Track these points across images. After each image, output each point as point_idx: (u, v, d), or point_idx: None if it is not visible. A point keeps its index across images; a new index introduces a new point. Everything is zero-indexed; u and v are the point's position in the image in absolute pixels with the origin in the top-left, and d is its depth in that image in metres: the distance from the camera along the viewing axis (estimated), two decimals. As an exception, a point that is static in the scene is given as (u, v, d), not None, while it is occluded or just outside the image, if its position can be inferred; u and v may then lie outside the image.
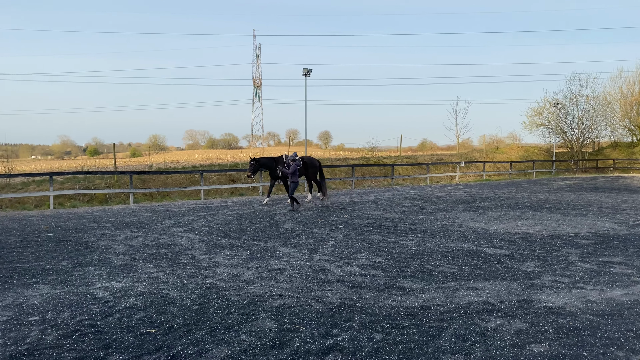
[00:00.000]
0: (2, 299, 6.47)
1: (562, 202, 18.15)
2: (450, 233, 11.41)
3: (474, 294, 6.54)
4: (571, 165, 40.93)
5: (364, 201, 19.12)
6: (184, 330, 5.30)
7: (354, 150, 54.25)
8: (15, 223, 13.77)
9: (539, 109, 46.37)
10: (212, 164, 30.53)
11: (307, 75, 25.96)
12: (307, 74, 25.89)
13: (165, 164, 31.57)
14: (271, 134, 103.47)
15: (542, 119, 46.30)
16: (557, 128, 44.49)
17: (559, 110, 43.76)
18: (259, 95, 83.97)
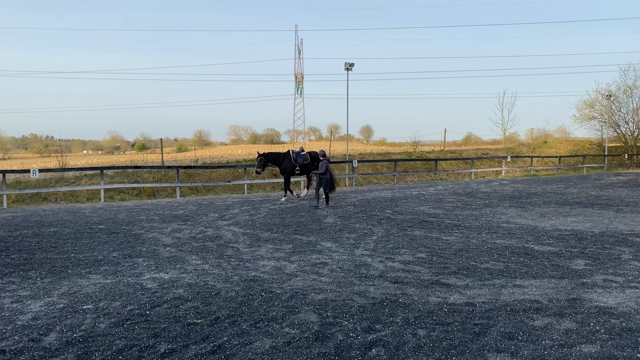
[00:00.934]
0: (58, 288, 6.79)
1: (614, 199, 17.43)
2: (495, 229, 11.17)
3: (520, 292, 6.39)
4: (625, 160, 39.21)
5: (406, 196, 18.94)
6: (229, 321, 5.42)
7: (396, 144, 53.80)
8: (69, 215, 14.38)
9: (591, 101, 44.66)
10: (255, 158, 30.93)
11: (349, 70, 25.88)
12: (349, 68, 25.80)
13: (209, 158, 32.24)
14: (312, 129, 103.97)
15: (593, 112, 44.59)
16: (610, 121, 42.69)
17: (612, 102, 41.95)
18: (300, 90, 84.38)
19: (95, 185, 19.72)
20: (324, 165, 15.52)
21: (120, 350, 4.66)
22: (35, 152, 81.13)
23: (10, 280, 7.21)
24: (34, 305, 6.01)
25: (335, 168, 27.13)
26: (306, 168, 18.08)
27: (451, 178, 29.67)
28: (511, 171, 33.22)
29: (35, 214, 14.87)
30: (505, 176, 31.60)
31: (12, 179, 21.38)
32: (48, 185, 20.13)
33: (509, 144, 47.82)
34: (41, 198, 19.34)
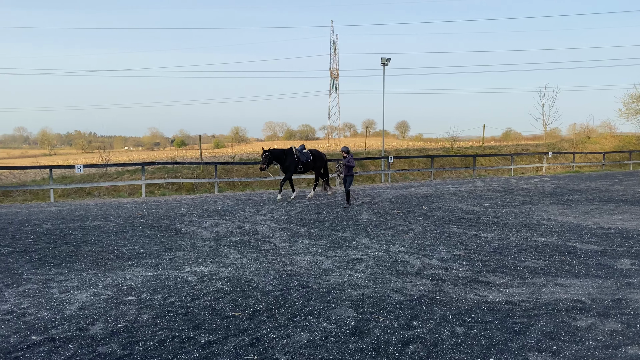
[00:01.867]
0: (103, 279, 7.03)
1: (663, 196, 16.74)
2: (536, 227, 10.91)
3: (562, 291, 6.23)
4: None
5: (443, 193, 18.71)
6: (267, 314, 5.50)
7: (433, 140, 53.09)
8: (112, 209, 14.84)
9: (638, 95, 42.90)
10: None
11: (385, 65, 25.69)
12: (385, 63, 25.60)
13: (246, 154, 32.62)
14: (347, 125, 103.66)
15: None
16: (659, 116, 40.90)
17: (661, 96, 40.16)
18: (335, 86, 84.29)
19: (137, 180, 20.27)
20: (353, 161, 15.00)
21: (163, 340, 4.80)
22: (79, 148, 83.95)
23: (58, 271, 7.51)
24: (80, 296, 6.25)
25: (370, 164, 27.02)
26: (308, 166, 17.25)
27: (490, 174, 29.11)
28: (552, 167, 32.32)
29: (80, 208, 15.41)
30: (546, 172, 30.78)
31: (59, 174, 22.21)
32: (92, 180, 20.81)
33: (550, 139, 46.49)
34: (85, 193, 20.01)
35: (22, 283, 6.87)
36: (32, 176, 23.01)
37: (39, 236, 10.36)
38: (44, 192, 19.13)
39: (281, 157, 16.84)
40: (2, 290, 6.52)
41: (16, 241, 9.82)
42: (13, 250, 8.95)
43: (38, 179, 22.12)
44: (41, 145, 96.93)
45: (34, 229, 11.32)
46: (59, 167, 20.39)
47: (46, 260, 8.22)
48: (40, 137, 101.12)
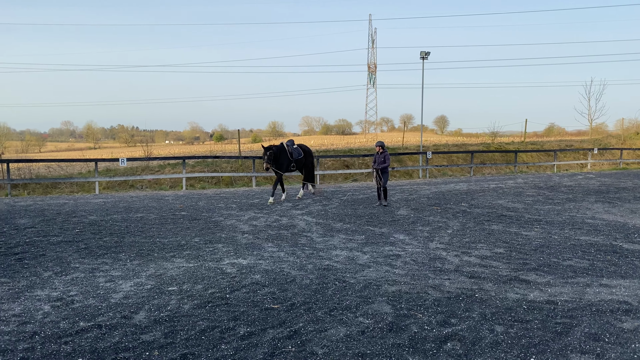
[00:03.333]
0: (145, 270, 7.25)
1: None
2: (580, 225, 10.59)
3: (607, 292, 6.05)
4: None
5: (483, 189, 18.37)
6: (305, 308, 5.56)
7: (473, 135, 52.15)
8: (154, 202, 15.24)
9: (692, 88, 40.87)
10: (327, 149, 31.16)
11: (424, 59, 25.36)
12: (425, 57, 25.27)
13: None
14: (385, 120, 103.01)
15: (695, 100, 40.78)
16: None
17: None
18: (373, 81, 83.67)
19: (178, 173, 20.74)
20: (389, 157, 14.02)
21: (203, 330, 4.93)
22: (122, 141, 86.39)
23: (104, 261, 7.78)
24: (124, 285, 6.47)
25: (408, 159, 26.77)
26: (299, 163, 15.69)
27: (532, 171, 28.38)
28: (598, 164, 31.24)
29: (124, 200, 15.89)
30: (591, 169, 29.78)
31: (103, 167, 22.96)
32: (135, 174, 21.41)
33: (596, 135, 44.94)
34: (128, 185, 20.61)
35: (71, 271, 7.16)
36: (78, 169, 23.89)
37: (85, 227, 10.76)
38: (90, 184, 19.82)
39: (277, 153, 15.07)
40: (52, 278, 6.82)
41: (64, 231, 10.23)
42: (61, 240, 9.33)
43: (84, 171, 22.93)
44: (86, 138, 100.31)
45: (81, 219, 11.75)
46: (103, 160, 21.08)
47: (92, 250, 8.54)
48: (86, 131, 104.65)
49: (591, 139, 38.96)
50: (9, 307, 5.67)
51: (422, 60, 25.44)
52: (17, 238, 9.54)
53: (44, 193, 18.96)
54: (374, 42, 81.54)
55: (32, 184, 19.45)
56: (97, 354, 4.41)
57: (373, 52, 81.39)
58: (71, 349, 4.52)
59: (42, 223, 11.26)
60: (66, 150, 70.75)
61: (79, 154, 42.23)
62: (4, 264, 7.63)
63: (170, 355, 4.37)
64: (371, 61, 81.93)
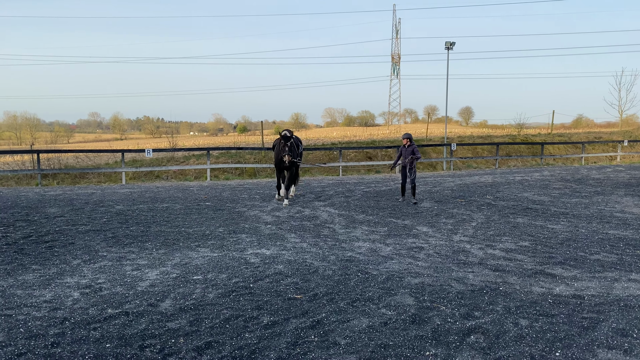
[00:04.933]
0: (171, 259, 7.37)
1: None
2: (608, 219, 10.38)
3: (636, 287, 5.92)
4: None
5: (508, 182, 18.11)
6: (327, 298, 5.59)
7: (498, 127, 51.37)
8: (179, 192, 15.46)
9: None
10: (350, 141, 31.08)
11: (449, 49, 25.01)
12: (450, 47, 24.92)
13: (305, 140, 32.88)
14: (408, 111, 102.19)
15: None
16: None
17: None
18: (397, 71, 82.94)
19: (202, 165, 20.96)
20: (417, 151, 12.91)
21: (227, 319, 5.00)
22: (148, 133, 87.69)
23: (130, 250, 7.94)
24: (150, 274, 6.59)
25: (432, 151, 26.53)
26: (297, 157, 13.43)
27: (559, 163, 27.85)
28: (628, 157, 30.46)
29: (150, 190, 16.15)
30: (620, 162, 29.06)
31: (130, 158, 23.35)
32: (160, 164, 21.73)
33: (627, 127, 43.78)
34: (154, 176, 20.94)
35: (99, 260, 7.33)
36: (105, 159, 24.37)
37: (112, 216, 10.98)
38: (116, 174, 20.19)
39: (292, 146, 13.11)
40: (81, 266, 6.99)
41: (92, 220, 10.46)
42: (90, 229, 9.54)
43: (111, 162, 23.38)
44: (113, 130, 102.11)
45: (108, 209, 12.00)
46: (130, 151, 21.43)
47: (119, 239, 8.71)
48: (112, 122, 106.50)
49: (621, 131, 37.98)
50: (40, 293, 5.84)
51: (447, 50, 25.10)
52: (47, 226, 9.79)
53: (72, 183, 19.40)
54: (398, 33, 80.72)
55: (61, 174, 19.91)
56: (124, 340, 4.52)
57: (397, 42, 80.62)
58: (100, 334, 4.64)
59: (71, 212, 11.53)
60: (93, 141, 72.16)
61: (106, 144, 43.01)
62: (35, 251, 7.85)
63: (195, 342, 4.45)
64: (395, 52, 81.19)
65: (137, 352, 4.28)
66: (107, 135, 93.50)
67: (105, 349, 4.34)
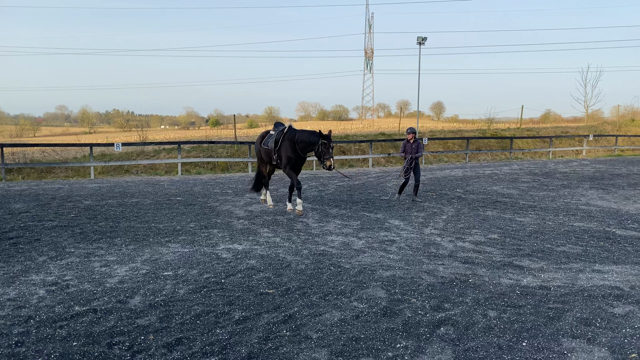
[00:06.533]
0: (141, 255, 7.26)
1: None
2: (574, 212, 10.65)
3: (599, 277, 6.10)
4: None
5: (478, 175, 18.42)
6: (300, 292, 5.59)
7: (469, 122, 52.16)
8: (149, 187, 15.21)
9: (688, 75, 40.93)
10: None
11: (421, 44, 25.23)
12: (422, 42, 25.14)
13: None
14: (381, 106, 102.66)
15: (691, 87, 40.90)
16: None
17: None
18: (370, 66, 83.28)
19: (173, 159, 20.67)
20: (422, 147, 12.17)
21: (198, 315, 4.95)
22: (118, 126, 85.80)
23: (99, 246, 7.78)
24: (120, 270, 6.48)
25: (404, 145, 26.75)
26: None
27: (527, 157, 28.44)
28: (593, 151, 31.32)
29: (119, 185, 15.85)
30: (586, 156, 29.87)
31: (98, 152, 22.83)
32: (130, 158, 21.33)
33: (592, 122, 45.01)
34: (124, 170, 20.55)
35: (66, 256, 7.16)
36: (73, 153, 23.77)
37: (80, 211, 10.74)
38: (85, 169, 19.75)
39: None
40: (47, 263, 6.82)
41: (59, 216, 10.21)
42: (56, 225, 9.31)
43: (79, 156, 22.83)
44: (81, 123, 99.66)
45: (76, 204, 11.73)
46: (98, 145, 20.97)
47: (87, 235, 8.53)
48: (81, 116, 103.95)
49: (587, 126, 39.04)
50: (4, 291, 5.68)
51: (418, 45, 25.31)
52: (12, 223, 9.51)
53: (38, 178, 18.89)
54: (371, 27, 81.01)
55: (27, 169, 19.36)
56: (92, 337, 4.43)
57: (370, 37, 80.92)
58: (66, 333, 4.54)
59: (37, 208, 11.23)
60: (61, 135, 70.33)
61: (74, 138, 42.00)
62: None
63: (166, 339, 4.40)
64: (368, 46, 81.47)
65: (105, 349, 4.20)
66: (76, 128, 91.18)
67: (71, 347, 4.25)
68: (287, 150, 10.41)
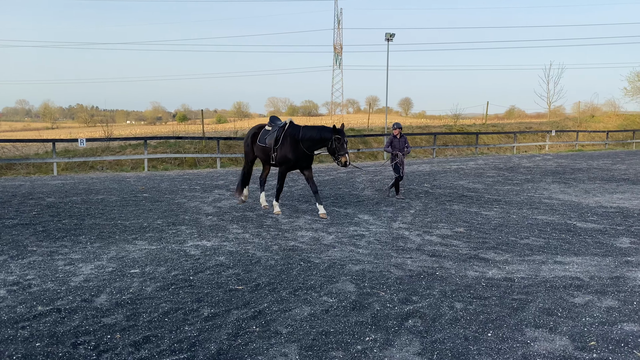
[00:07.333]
0: (107, 252, 7.11)
1: (665, 176, 16.72)
2: (537, 205, 10.95)
3: (561, 269, 6.30)
4: (678, 136, 37.33)
5: (445, 170, 18.72)
6: (269, 288, 5.58)
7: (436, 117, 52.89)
8: (115, 183, 14.90)
9: (644, 73, 42.47)
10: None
11: (389, 40, 25.40)
12: (390, 38, 25.32)
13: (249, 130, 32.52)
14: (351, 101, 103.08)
15: (646, 85, 42.45)
16: (664, 94, 40.60)
17: (668, 74, 39.80)
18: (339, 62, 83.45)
19: (140, 155, 20.29)
20: (409, 144, 12.19)
21: (166, 312, 4.89)
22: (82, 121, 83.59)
23: (63, 244, 7.59)
24: (85, 268, 6.34)
25: (373, 141, 26.96)
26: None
27: (492, 152, 29.05)
28: (555, 146, 32.23)
29: (83, 181, 15.47)
30: (548, 151, 30.70)
31: (61, 148, 22.24)
32: (95, 154, 20.85)
33: (554, 117, 46.28)
34: (88, 166, 20.07)
35: (27, 255, 6.96)
36: (35, 149, 23.07)
37: (42, 209, 10.44)
38: (47, 165, 19.19)
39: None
40: (8, 262, 6.61)
41: (20, 214, 9.91)
42: (17, 223, 9.03)
43: (41, 152, 22.17)
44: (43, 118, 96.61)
45: (38, 202, 11.40)
46: (61, 140, 20.41)
47: (50, 233, 8.31)
48: (43, 110, 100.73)
49: (549, 122, 40.11)
50: (-38, 292, 5.48)
51: (387, 41, 25.49)
52: (-30, 221, 9.18)
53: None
54: (340, 23, 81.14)
55: (-15, 165, 18.68)
56: (56, 338, 4.32)
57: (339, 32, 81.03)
58: (29, 333, 4.42)
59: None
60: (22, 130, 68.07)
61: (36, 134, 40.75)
62: (-45, 248, 7.34)
63: (133, 337, 4.33)
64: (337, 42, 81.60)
65: (70, 350, 4.11)
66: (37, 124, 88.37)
67: (34, 348, 4.14)
68: (287, 149, 9.72)
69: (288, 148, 9.72)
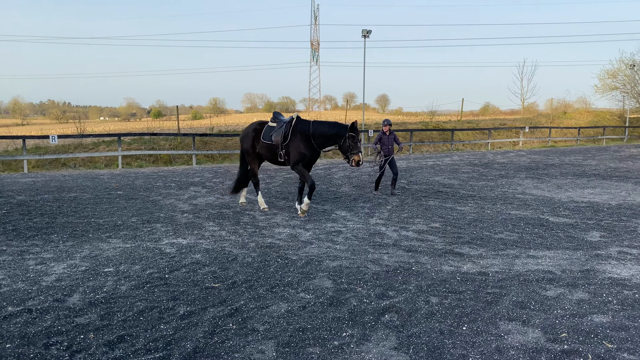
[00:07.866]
0: (80, 251, 6.98)
1: (633, 171, 17.19)
2: (511, 200, 11.14)
3: (534, 263, 6.42)
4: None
5: (421, 167, 18.89)
6: (246, 286, 5.55)
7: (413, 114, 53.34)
8: (88, 181, 14.63)
9: (613, 71, 43.65)
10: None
11: (366, 37, 25.48)
12: (367, 35, 25.39)
13: (225, 126, 32.29)
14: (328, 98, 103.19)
15: (616, 82, 43.61)
16: (633, 92, 41.75)
17: (636, 72, 40.90)
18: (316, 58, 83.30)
19: (113, 151, 19.96)
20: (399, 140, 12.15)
21: (141, 311, 4.83)
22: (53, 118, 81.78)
23: (34, 243, 7.42)
24: (57, 268, 6.21)
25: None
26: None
27: (467, 149, 29.42)
28: (529, 142, 32.81)
29: (55, 179, 15.14)
30: (522, 147, 31.24)
31: (32, 145, 21.71)
32: (67, 151, 20.42)
33: (528, 114, 47.10)
34: (60, 164, 19.65)
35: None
36: (4, 146, 22.47)
37: (12, 207, 10.18)
38: (17, 162, 18.73)
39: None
40: (-24, 262, 6.43)
41: (-11, 212, 9.65)
42: (-14, 222, 8.79)
43: (10, 149, 21.61)
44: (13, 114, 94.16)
45: (7, 200, 11.12)
46: (32, 137, 19.93)
47: (21, 231, 8.11)
48: (12, 106, 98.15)
49: (523, 118, 40.81)
50: None
51: (363, 38, 25.56)
52: (-64, 220, 8.90)
53: (-35, 172, 17.74)
54: (317, 19, 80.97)
55: (-48, 163, 18.14)
56: (27, 339, 4.23)
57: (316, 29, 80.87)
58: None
59: (-36, 204, 10.56)
60: (-10, 127, 66.23)
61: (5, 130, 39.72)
62: None
63: (107, 337, 4.26)
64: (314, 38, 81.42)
65: (42, 350, 4.03)
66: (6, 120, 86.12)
67: (5, 349, 4.04)
68: (299, 145, 9.14)
69: (301, 144, 9.18)
